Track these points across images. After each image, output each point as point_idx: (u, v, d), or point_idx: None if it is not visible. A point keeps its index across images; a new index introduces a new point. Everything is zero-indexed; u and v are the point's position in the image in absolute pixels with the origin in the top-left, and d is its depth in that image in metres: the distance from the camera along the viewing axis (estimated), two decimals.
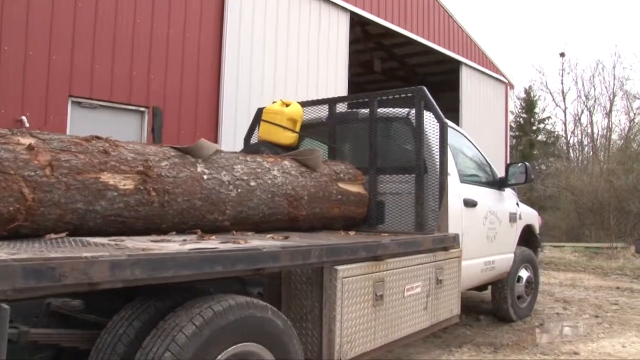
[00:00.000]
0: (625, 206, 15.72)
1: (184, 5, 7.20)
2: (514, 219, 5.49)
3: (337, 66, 9.47)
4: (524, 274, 5.75)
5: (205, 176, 2.89)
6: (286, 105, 4.46)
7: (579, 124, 27.06)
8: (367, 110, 4.25)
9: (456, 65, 13.04)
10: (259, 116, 4.62)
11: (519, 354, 4.54)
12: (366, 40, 12.74)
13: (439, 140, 3.96)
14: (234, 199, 3.02)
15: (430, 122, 4.03)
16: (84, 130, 4.48)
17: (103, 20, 6.40)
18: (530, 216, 6.18)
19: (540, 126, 27.39)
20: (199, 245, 2.22)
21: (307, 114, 4.59)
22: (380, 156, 4.14)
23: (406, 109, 4.16)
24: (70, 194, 2.28)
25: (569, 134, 27.46)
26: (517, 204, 5.74)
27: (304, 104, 4.62)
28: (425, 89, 3.99)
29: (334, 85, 9.28)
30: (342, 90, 9.33)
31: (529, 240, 6.11)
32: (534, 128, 26.92)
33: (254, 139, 4.76)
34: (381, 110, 4.21)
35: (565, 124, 27.54)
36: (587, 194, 17.03)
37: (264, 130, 4.47)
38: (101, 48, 6.37)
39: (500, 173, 5.38)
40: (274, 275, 2.81)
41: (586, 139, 26.55)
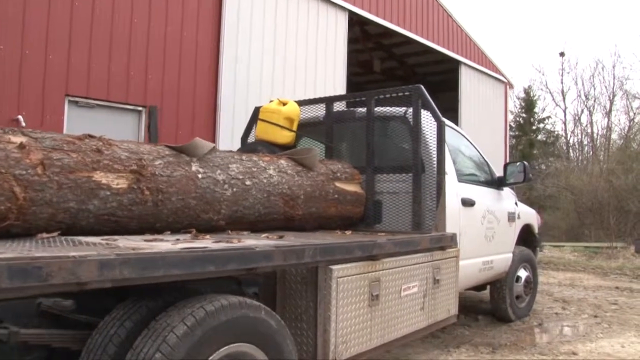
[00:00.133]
0: (625, 206, 15.71)
1: (181, 4, 7.18)
2: (512, 218, 5.47)
3: (336, 65, 9.45)
4: (522, 273, 5.73)
5: (199, 175, 2.87)
6: (283, 104, 4.44)
7: (578, 124, 27.11)
8: (364, 109, 4.23)
9: (455, 65, 13.03)
10: (256, 115, 4.60)
11: (517, 354, 4.52)
12: (365, 40, 12.71)
13: (436, 139, 3.95)
14: (229, 198, 3.00)
15: (427, 121, 4.00)
16: (81, 129, 4.42)
17: (100, 19, 6.37)
18: (529, 216, 6.16)
19: (540, 126, 27.38)
20: (192, 244, 2.19)
21: (304, 113, 4.57)
22: (377, 155, 4.12)
23: (403, 107, 4.14)
24: (63, 193, 2.26)
25: (568, 133, 27.51)
26: (516, 203, 5.72)
27: (301, 102, 4.60)
28: (422, 87, 3.97)
29: (332, 84, 9.25)
30: (340, 90, 9.30)
31: (527, 239, 6.09)
32: (534, 128, 26.90)
33: (251, 138, 4.74)
34: (378, 109, 4.19)
35: (565, 123, 27.59)
36: (586, 193, 17.02)
37: (261, 129, 4.44)
38: (98, 47, 6.35)
39: (499, 172, 5.36)
40: (269, 275, 2.79)
41: (586, 138, 26.59)
